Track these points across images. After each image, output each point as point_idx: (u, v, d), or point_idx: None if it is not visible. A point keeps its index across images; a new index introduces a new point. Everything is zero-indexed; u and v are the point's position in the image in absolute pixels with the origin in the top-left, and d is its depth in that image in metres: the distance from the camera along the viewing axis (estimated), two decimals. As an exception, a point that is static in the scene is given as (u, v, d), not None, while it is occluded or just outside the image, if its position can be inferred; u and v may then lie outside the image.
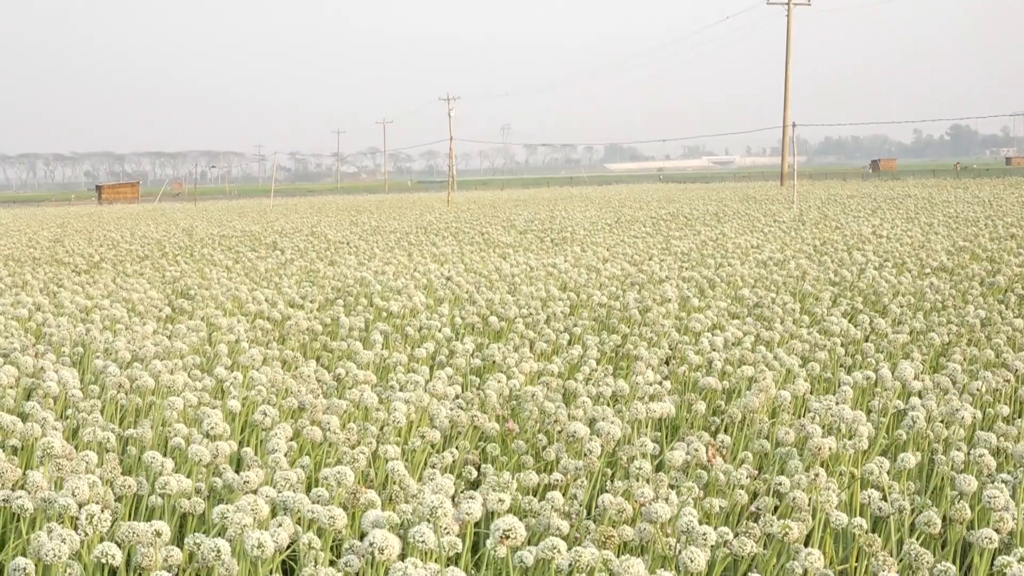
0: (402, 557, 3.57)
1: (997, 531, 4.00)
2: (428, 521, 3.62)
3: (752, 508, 4.98)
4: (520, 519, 4.22)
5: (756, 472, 5.29)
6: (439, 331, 9.23)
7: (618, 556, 3.72)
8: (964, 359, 7.73)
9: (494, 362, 8.04)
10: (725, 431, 6.38)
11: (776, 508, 4.85)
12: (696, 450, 5.28)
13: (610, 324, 9.84)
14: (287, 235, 24.55)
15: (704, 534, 3.89)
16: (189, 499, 4.82)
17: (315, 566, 3.88)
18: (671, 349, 8.58)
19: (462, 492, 4.99)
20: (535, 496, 5.07)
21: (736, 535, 4.21)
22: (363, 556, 3.81)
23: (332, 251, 19.61)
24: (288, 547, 4.03)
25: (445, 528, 3.70)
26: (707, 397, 7.01)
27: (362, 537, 3.91)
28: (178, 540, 4.74)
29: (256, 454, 5.63)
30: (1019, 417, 6.06)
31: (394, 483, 4.85)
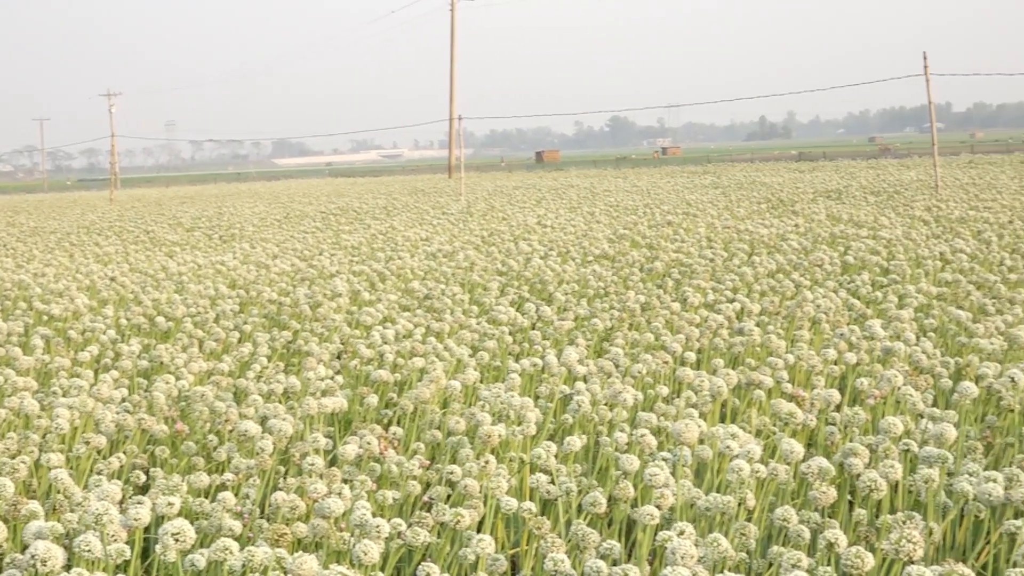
0: (68, 567, 3.46)
1: (658, 507, 4.15)
2: (94, 529, 3.52)
3: (425, 498, 5.03)
4: (191, 521, 4.15)
5: (428, 462, 5.34)
6: (103, 333, 8.95)
7: (292, 553, 3.70)
8: (626, 343, 8.01)
9: (162, 363, 7.87)
10: (397, 423, 6.42)
11: (449, 496, 4.91)
12: (369, 443, 5.30)
13: (281, 320, 9.76)
14: (-63, 238, 23.36)
15: (377, 526, 3.90)
16: None
17: (-27, 583, 3.71)
18: (342, 343, 8.57)
19: (130, 497, 4.86)
20: (206, 497, 4.99)
21: (410, 526, 4.24)
22: (25, 569, 3.67)
23: (-13, 254, 18.76)
24: (-56, 565, 3.85)
25: (112, 535, 3.60)
26: (379, 390, 7.04)
27: (24, 550, 3.77)
28: None
29: (-93, 469, 5.34)
30: (677, 397, 6.31)
31: (58, 492, 4.68)
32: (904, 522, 3.88)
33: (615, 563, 3.86)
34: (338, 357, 8.26)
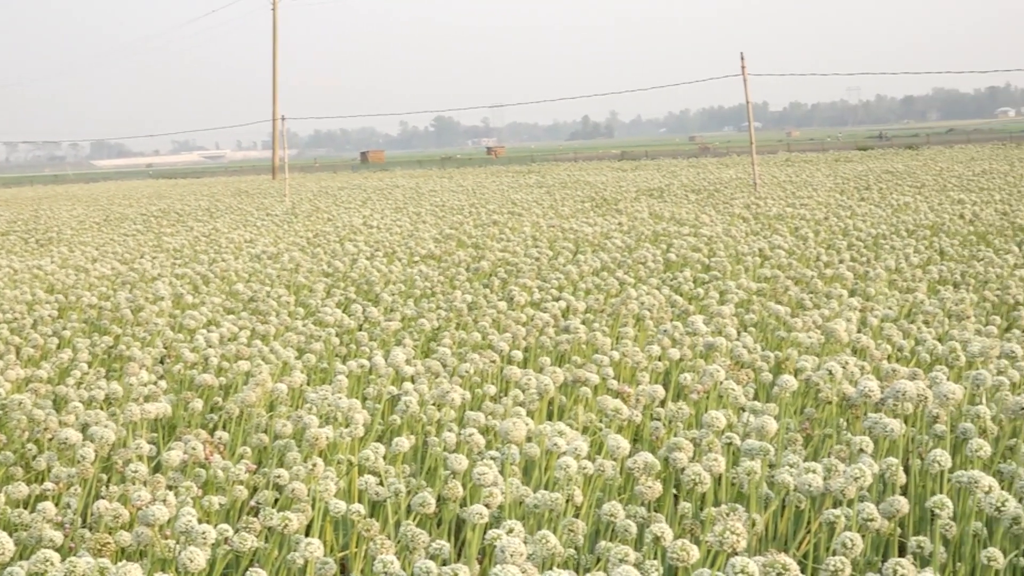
0: None
1: (487, 506, 4.17)
2: (-94, 544, 3.40)
3: (252, 503, 4.98)
4: (10, 533, 4.04)
5: (255, 466, 5.29)
6: (-86, 341, 8.67)
7: (115, 563, 3.63)
8: (453, 343, 8.02)
9: (-23, 371, 7.64)
10: (223, 427, 6.34)
11: (276, 500, 4.86)
12: (194, 448, 5.22)
13: (101, 325, 9.55)
14: None
15: (204, 533, 3.84)
16: None
17: None
18: (165, 348, 8.44)
19: (-55, 511, 4.72)
20: (26, 508, 4.86)
21: (237, 531, 4.19)
22: None
23: None
24: None
25: (-74, 550, 3.48)
26: (204, 394, 6.94)
27: None
28: None
29: None
30: (504, 395, 6.34)
31: None
32: (727, 514, 3.95)
33: (444, 563, 3.86)
34: (161, 362, 8.12)
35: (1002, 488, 4.10)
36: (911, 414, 5.11)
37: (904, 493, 4.72)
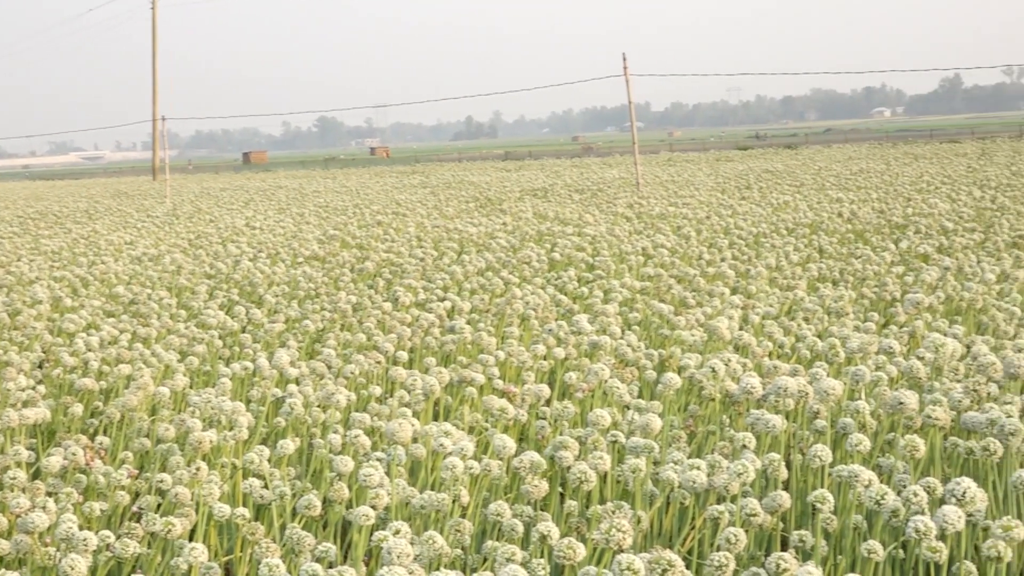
0: None
1: (373, 508, 4.15)
2: None
3: (135, 508, 4.91)
4: None
5: (137, 471, 5.21)
6: None
7: (-7, 572, 3.56)
8: (338, 344, 7.98)
9: None
10: (104, 432, 6.24)
11: (159, 505, 4.80)
12: (74, 454, 5.14)
13: (-23, 330, 9.36)
14: None
15: (85, 540, 3.79)
16: None
17: None
18: (44, 352, 8.29)
19: None
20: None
21: (119, 537, 4.13)
22: None
23: None
24: None
25: None
26: (84, 399, 6.83)
27: None
28: None
29: None
30: (390, 396, 6.32)
31: None
32: (613, 512, 3.98)
33: (331, 565, 3.84)
34: (40, 366, 7.97)
35: (881, 482, 4.18)
36: (792, 410, 5.18)
37: (786, 488, 4.78)
